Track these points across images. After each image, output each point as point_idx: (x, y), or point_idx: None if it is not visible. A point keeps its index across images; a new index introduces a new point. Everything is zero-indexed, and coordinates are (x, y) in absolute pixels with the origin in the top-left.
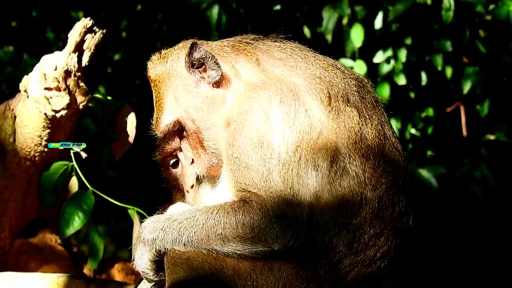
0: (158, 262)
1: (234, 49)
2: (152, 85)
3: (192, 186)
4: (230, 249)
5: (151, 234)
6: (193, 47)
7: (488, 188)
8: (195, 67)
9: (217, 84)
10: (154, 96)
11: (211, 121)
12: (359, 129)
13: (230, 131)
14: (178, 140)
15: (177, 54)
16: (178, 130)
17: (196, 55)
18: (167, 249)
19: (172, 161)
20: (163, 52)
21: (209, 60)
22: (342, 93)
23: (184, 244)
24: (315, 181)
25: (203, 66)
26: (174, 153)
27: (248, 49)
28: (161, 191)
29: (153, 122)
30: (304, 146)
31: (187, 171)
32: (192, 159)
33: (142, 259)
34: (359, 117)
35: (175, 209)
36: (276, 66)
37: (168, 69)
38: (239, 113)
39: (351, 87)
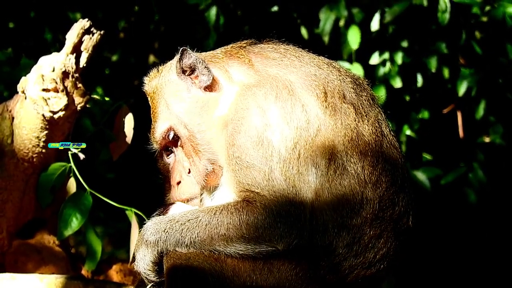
0: (160, 264)
1: (227, 54)
2: (148, 99)
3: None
4: (233, 250)
5: (153, 236)
6: (183, 53)
7: (483, 191)
8: (186, 73)
9: (209, 88)
10: (151, 109)
11: (204, 124)
12: (356, 125)
13: (229, 131)
14: (175, 150)
15: (170, 65)
16: (174, 140)
17: (187, 61)
18: (169, 250)
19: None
20: (160, 67)
21: (200, 65)
22: (338, 90)
23: (187, 246)
24: (315, 179)
25: (195, 73)
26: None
27: (240, 52)
28: (158, 192)
29: (151, 135)
30: (302, 143)
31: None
32: (189, 169)
33: (144, 261)
34: (355, 114)
35: (177, 210)
36: (270, 66)
37: (161, 79)
38: (236, 112)
39: (347, 84)
